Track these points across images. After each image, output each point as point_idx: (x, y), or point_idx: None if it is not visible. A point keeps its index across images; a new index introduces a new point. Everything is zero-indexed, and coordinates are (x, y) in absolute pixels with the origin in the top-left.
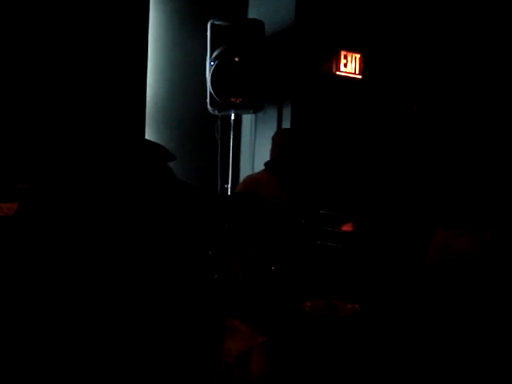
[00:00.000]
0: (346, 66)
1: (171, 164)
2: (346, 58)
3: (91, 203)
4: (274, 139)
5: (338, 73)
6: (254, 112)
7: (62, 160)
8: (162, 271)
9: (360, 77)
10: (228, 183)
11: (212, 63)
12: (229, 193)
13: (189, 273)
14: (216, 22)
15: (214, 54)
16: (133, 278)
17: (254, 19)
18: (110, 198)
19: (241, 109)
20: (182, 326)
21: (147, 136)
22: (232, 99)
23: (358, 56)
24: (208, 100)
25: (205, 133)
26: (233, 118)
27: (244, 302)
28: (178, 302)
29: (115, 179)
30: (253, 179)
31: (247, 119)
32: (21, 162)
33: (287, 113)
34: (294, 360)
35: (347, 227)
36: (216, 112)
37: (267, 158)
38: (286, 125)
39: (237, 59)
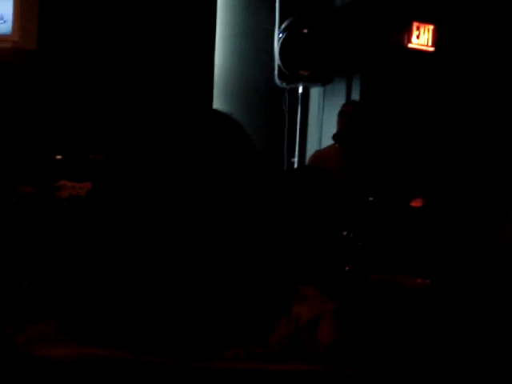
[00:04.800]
0: (418, 37)
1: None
2: (418, 29)
3: (175, 179)
4: (339, 112)
5: (409, 45)
6: (323, 85)
7: (137, 133)
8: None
9: (433, 49)
10: (295, 157)
11: (280, 35)
12: (295, 167)
13: (265, 238)
14: None
15: (283, 26)
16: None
17: None
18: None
19: (309, 81)
20: (253, 284)
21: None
22: (300, 72)
23: (431, 27)
24: (276, 72)
25: (272, 106)
26: (301, 90)
27: (314, 271)
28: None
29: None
30: (320, 153)
31: (315, 92)
32: (91, 132)
33: (356, 86)
34: (361, 330)
35: (417, 203)
36: (284, 85)
37: (335, 131)
38: (355, 98)
39: (306, 31)
